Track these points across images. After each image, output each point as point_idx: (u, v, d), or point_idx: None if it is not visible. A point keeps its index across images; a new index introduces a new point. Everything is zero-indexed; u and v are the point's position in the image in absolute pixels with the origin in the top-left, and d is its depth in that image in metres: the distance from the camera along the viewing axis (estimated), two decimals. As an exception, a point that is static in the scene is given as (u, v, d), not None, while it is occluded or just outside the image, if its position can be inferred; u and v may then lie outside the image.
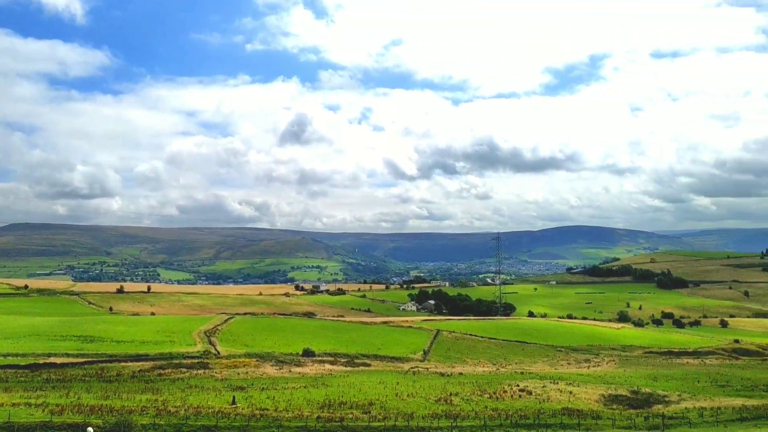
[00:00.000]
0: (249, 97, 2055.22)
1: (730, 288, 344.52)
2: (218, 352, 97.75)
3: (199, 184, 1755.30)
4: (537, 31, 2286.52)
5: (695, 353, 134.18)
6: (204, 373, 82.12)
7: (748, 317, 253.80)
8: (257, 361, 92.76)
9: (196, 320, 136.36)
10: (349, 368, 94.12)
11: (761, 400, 76.35)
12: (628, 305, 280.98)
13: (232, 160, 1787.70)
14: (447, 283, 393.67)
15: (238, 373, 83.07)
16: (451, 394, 72.80)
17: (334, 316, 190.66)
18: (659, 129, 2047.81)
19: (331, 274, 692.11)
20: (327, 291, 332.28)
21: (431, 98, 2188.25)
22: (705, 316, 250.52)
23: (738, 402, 74.13)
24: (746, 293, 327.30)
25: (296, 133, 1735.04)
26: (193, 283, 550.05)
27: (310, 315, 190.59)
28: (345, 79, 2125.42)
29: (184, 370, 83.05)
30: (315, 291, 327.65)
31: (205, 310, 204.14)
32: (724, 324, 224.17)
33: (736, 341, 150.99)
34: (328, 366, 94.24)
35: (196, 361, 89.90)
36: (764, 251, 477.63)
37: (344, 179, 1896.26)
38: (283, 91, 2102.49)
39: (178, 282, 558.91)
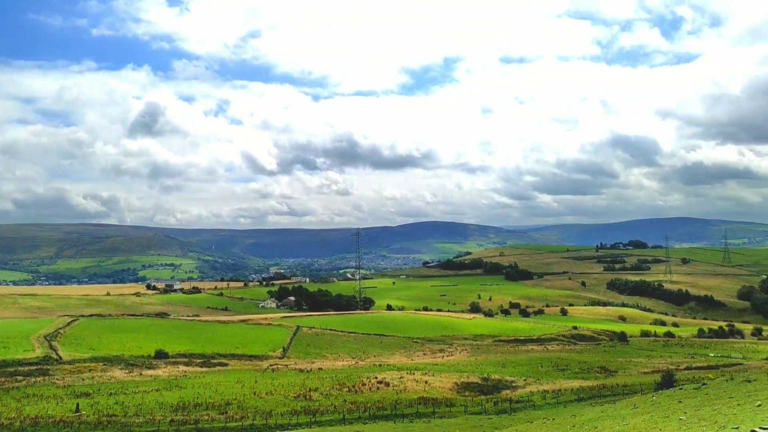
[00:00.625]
0: (95, 84, 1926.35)
1: (570, 279, 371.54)
2: (60, 357, 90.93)
3: (38, 176, 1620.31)
4: (394, 32, 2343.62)
5: (539, 340, 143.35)
6: (44, 380, 76.11)
7: (585, 305, 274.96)
8: (104, 365, 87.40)
9: (34, 323, 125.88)
10: (205, 369, 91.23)
11: (595, 381, 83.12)
12: (480, 296, 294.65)
13: (76, 151, 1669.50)
14: (307, 279, 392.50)
15: (83, 379, 77.82)
16: (310, 390, 72.68)
17: (189, 316, 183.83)
18: (507, 130, 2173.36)
19: (186, 272, 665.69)
20: (182, 290, 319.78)
21: (291, 93, 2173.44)
22: (547, 305, 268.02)
23: (576, 384, 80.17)
24: (583, 283, 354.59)
25: (147, 124, 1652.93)
26: (32, 284, 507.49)
27: (163, 315, 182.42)
28: (200, 69, 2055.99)
29: (21, 378, 76.49)
30: (168, 290, 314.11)
31: (45, 313, 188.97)
32: (564, 312, 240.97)
33: (575, 328, 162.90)
34: (182, 367, 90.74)
35: (35, 367, 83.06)
36: (598, 245, 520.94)
37: (200, 173, 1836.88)
38: (133, 80, 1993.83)
39: (14, 283, 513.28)
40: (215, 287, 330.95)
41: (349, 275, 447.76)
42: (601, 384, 78.89)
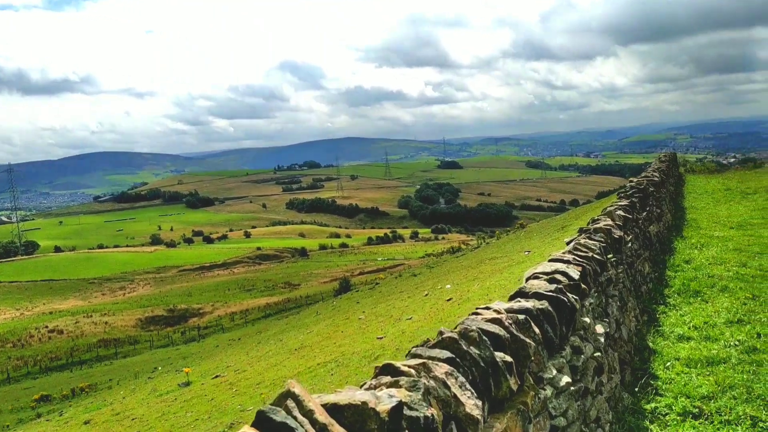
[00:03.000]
0: None
1: (251, 202, 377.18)
2: None
3: None
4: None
5: (224, 264, 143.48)
6: None
7: (267, 226, 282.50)
8: None
9: None
10: None
11: (281, 296, 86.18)
12: (160, 228, 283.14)
13: None
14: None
15: None
16: (-40, 353, 62.55)
17: None
18: (175, 52, 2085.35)
19: None
20: None
21: None
22: (231, 230, 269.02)
23: (263, 301, 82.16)
24: (264, 205, 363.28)
25: None
26: None
27: None
28: None
29: None
30: None
31: None
32: (247, 235, 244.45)
33: (258, 249, 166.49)
34: None
35: None
36: (276, 167, 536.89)
37: None
38: None
39: None
40: None
41: (4, 218, 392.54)
42: (286, 298, 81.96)
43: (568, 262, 5.26)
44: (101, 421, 18.60)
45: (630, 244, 8.78)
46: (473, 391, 2.73)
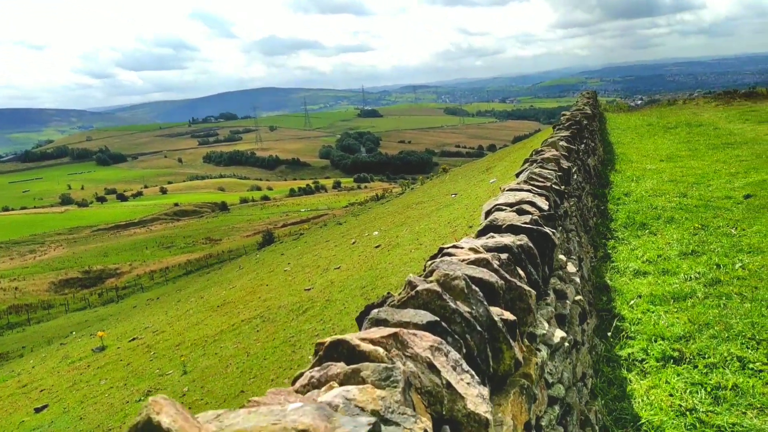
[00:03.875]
0: None
1: (166, 157, 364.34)
2: None
3: None
4: None
5: (141, 222, 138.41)
6: None
7: (184, 182, 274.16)
8: None
9: None
10: None
11: (201, 253, 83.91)
12: (70, 187, 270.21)
13: None
14: None
15: None
16: None
17: None
18: None
19: None
20: None
21: None
22: (146, 186, 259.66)
23: (183, 258, 79.76)
24: (180, 160, 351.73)
25: None
26: None
27: None
28: None
29: None
30: None
31: None
32: (164, 191, 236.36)
33: (176, 205, 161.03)
34: None
35: None
36: (191, 120, 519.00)
37: None
38: None
39: None
40: None
41: None
42: (207, 254, 79.83)
43: (529, 191, 4.46)
44: (6, 395, 17.11)
45: (576, 176, 8.16)
46: (473, 372, 1.68)
